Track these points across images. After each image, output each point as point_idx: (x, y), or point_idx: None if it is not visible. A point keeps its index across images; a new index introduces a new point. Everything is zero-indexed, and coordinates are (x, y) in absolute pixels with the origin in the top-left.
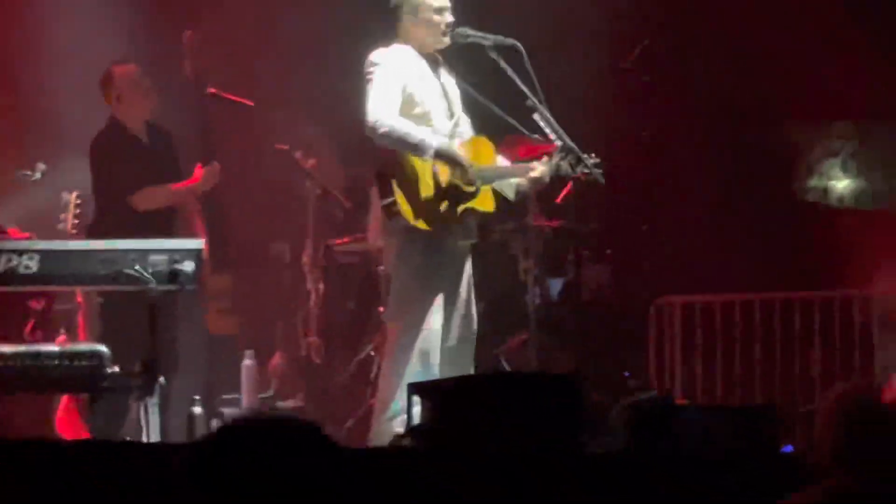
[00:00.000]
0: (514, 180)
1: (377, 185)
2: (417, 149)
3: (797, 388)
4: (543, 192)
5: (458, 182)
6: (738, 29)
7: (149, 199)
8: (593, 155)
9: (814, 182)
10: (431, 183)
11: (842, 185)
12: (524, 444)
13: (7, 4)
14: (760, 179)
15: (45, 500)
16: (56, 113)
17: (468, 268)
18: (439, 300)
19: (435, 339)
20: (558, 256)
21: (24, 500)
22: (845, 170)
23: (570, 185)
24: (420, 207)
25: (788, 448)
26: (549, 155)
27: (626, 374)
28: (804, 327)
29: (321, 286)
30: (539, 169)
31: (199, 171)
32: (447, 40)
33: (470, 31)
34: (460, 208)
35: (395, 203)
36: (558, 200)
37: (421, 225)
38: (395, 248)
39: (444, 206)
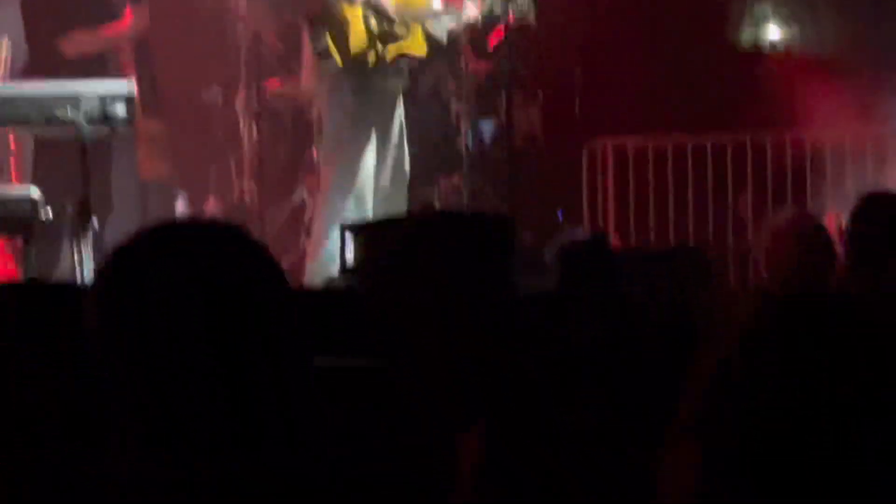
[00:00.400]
0: (447, 22)
1: (308, 29)
2: None
3: (730, 230)
4: (475, 35)
5: (388, 23)
6: None
7: (78, 43)
8: None
9: (746, 26)
10: (362, 26)
11: (773, 29)
12: (456, 284)
13: None
14: (693, 22)
15: None
16: None
17: (400, 110)
18: (372, 142)
19: (368, 181)
20: (490, 99)
21: None
22: (777, 14)
23: (502, 28)
24: (350, 50)
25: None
26: None
27: (559, 214)
28: (736, 170)
29: (255, 130)
30: (472, 10)
31: (128, 14)
32: None
33: None
34: (391, 50)
35: (326, 46)
36: (491, 44)
37: (351, 67)
38: (326, 92)
39: (375, 48)
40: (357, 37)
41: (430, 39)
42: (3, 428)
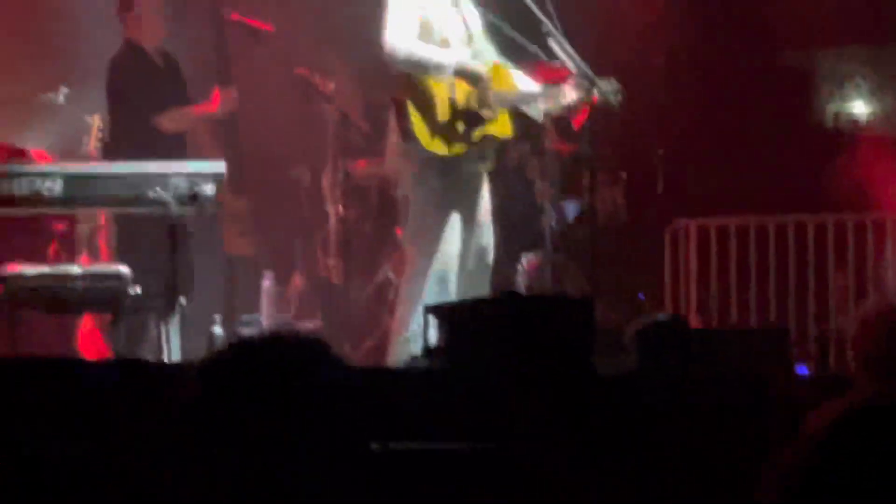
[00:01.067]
0: (542, 104)
1: (394, 108)
2: (436, 68)
3: (811, 310)
4: (560, 115)
5: (475, 106)
6: None
7: (174, 119)
8: (610, 80)
9: (828, 106)
10: (448, 106)
11: (856, 109)
12: (537, 365)
13: None
14: (775, 102)
15: (66, 418)
16: (79, 36)
17: (485, 191)
18: (456, 223)
19: (451, 262)
20: (574, 180)
21: (46, 418)
22: (859, 94)
23: (586, 109)
24: (436, 131)
25: (803, 369)
26: (567, 79)
27: (640, 295)
28: (818, 250)
29: (340, 209)
30: (569, 93)
31: (216, 96)
32: None
33: None
34: (477, 132)
35: (411, 126)
36: (576, 125)
37: (437, 148)
38: (411, 172)
39: (460, 129)
40: (442, 117)
41: (515, 120)
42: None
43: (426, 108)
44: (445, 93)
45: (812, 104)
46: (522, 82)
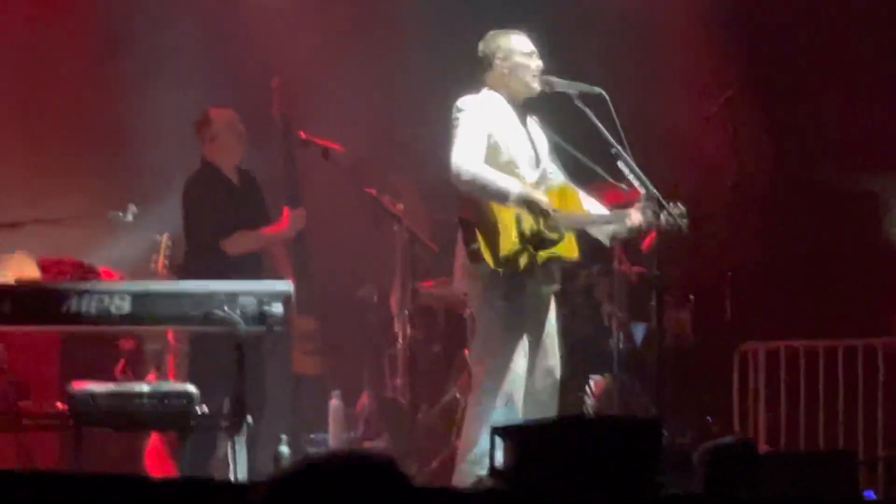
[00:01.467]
0: (609, 227)
1: (461, 230)
2: (499, 196)
3: (879, 434)
4: (628, 238)
5: (541, 228)
6: (822, 78)
7: (240, 243)
8: (678, 203)
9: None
10: (514, 229)
11: None
12: (604, 488)
13: (99, 52)
14: (844, 225)
15: None
16: (147, 155)
17: (552, 312)
18: (523, 343)
19: (519, 382)
20: (642, 301)
21: None
22: None
23: (655, 232)
24: (502, 253)
25: (870, 494)
26: (635, 203)
27: (709, 418)
28: (888, 373)
29: (408, 328)
30: (635, 217)
31: (286, 216)
32: (537, 86)
33: (556, 80)
34: (543, 255)
35: (478, 248)
36: (643, 247)
37: (504, 269)
38: (479, 292)
39: (526, 252)
40: (509, 240)
41: (581, 242)
42: None
43: (493, 228)
44: (512, 214)
45: (881, 227)
46: (589, 205)
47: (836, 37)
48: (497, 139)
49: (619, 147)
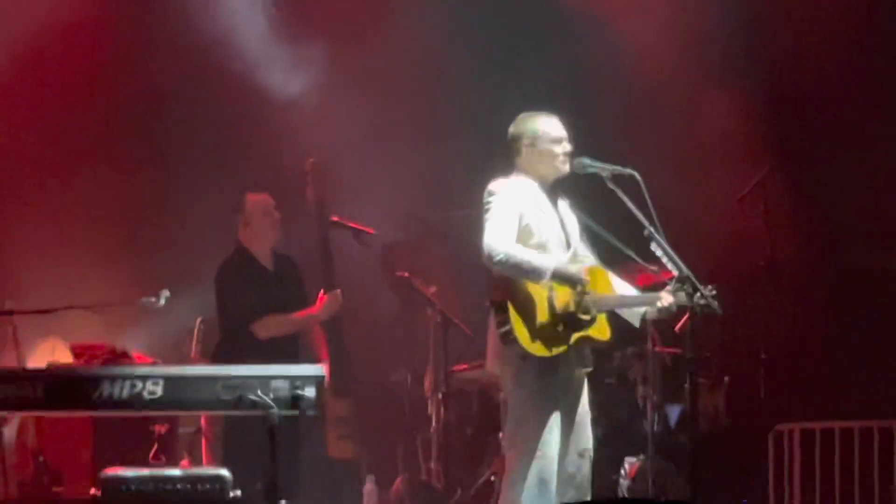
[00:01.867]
0: (640, 309)
1: (493, 312)
2: (534, 273)
3: None
4: (661, 319)
5: (574, 309)
6: (854, 157)
7: (270, 327)
8: (710, 287)
9: None
10: (547, 309)
11: None
12: None
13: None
14: (878, 305)
15: None
16: (181, 240)
17: (584, 395)
18: (556, 426)
19: (552, 465)
20: (676, 383)
21: None
22: None
23: (688, 313)
24: (535, 334)
25: None
26: (668, 284)
27: (744, 501)
28: None
29: (442, 412)
30: (666, 298)
31: (321, 299)
32: (566, 168)
33: (588, 162)
34: (575, 336)
35: (510, 330)
36: (677, 329)
37: (536, 351)
38: (510, 375)
39: (559, 332)
40: (541, 322)
41: (613, 324)
42: None
43: (526, 310)
44: (544, 295)
45: None
46: (620, 286)
47: (874, 115)
48: (528, 221)
49: (652, 228)
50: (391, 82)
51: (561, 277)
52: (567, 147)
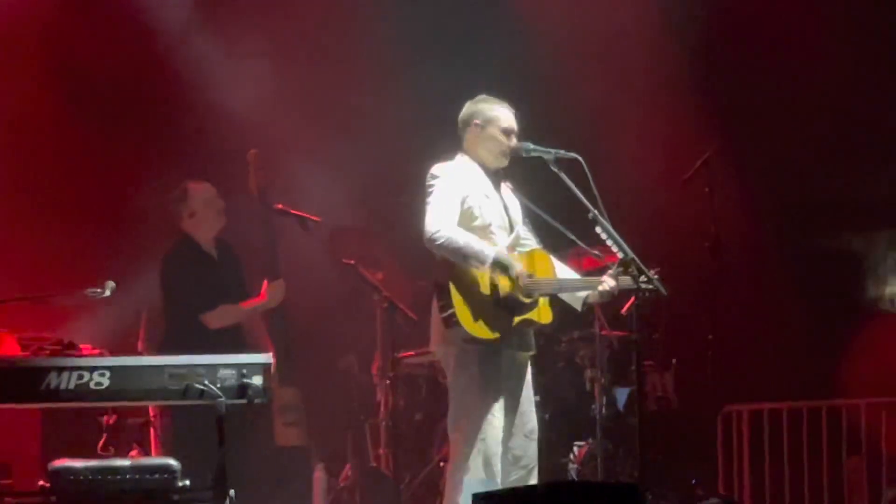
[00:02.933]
0: (582, 293)
1: (436, 295)
2: (474, 258)
3: (865, 494)
4: (607, 302)
5: (516, 293)
6: (800, 138)
7: (221, 317)
8: (656, 270)
9: (878, 289)
10: (489, 293)
11: None
12: None
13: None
14: (824, 286)
15: None
16: (124, 231)
17: (528, 377)
18: (500, 409)
19: (496, 448)
20: (624, 366)
21: None
22: None
23: (633, 296)
24: (477, 317)
25: None
26: (615, 268)
27: (693, 481)
28: (871, 432)
29: (390, 398)
30: (608, 282)
31: (265, 288)
32: (504, 162)
33: (532, 146)
34: (517, 319)
35: (453, 313)
36: (623, 312)
37: (478, 334)
38: (453, 358)
39: (501, 315)
40: (484, 304)
41: (555, 308)
42: None
43: (468, 293)
44: (487, 279)
45: (863, 287)
46: (562, 271)
47: (816, 96)
48: (471, 204)
49: (596, 211)
50: (337, 68)
51: (501, 266)
52: (513, 142)
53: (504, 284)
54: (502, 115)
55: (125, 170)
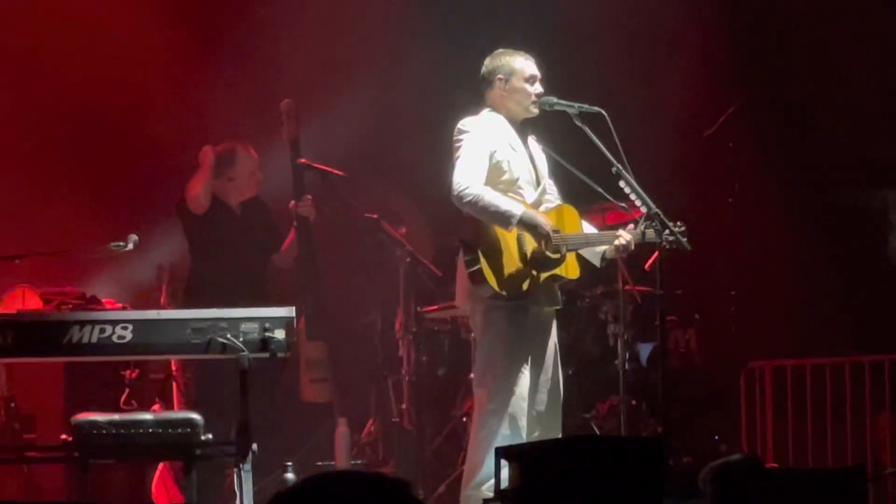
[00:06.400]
0: (601, 248)
1: (462, 252)
2: (501, 218)
3: (887, 450)
4: (631, 257)
5: (542, 249)
6: (823, 95)
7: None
8: (679, 223)
9: None
10: (516, 250)
11: None
12: None
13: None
14: (848, 241)
15: None
16: (148, 184)
17: (554, 332)
18: (526, 365)
19: (522, 404)
20: (647, 322)
21: None
22: None
23: (657, 251)
24: (504, 274)
25: None
26: (636, 222)
27: (716, 437)
28: (893, 389)
29: (413, 353)
30: (624, 236)
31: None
32: (535, 110)
33: (556, 100)
34: (544, 275)
35: (480, 270)
36: (647, 267)
37: (505, 290)
38: (480, 315)
39: (528, 272)
40: (511, 261)
41: (583, 262)
42: None
43: (496, 250)
44: (514, 234)
45: (886, 244)
46: (587, 226)
47: (836, 53)
48: (498, 159)
49: (620, 166)
50: (360, 18)
51: (527, 226)
52: (539, 88)
53: (531, 241)
54: (524, 64)
55: (152, 122)
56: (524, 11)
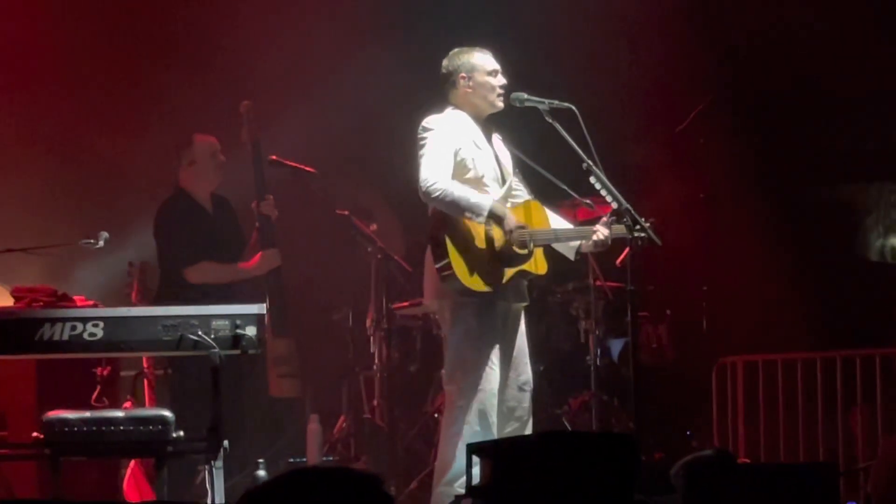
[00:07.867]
0: (575, 242)
1: (430, 248)
2: (470, 211)
3: (859, 445)
4: (602, 253)
5: (511, 244)
6: (795, 91)
7: (204, 273)
8: (650, 221)
9: (873, 240)
10: (485, 245)
11: None
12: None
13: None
14: (819, 236)
15: None
16: (120, 182)
17: (523, 328)
18: (495, 361)
19: (492, 400)
20: (618, 317)
21: None
22: None
23: (628, 247)
24: (473, 269)
25: None
26: (608, 217)
27: (688, 432)
28: (866, 384)
29: (384, 349)
30: (602, 231)
31: (258, 257)
32: (501, 103)
33: (526, 96)
34: (512, 271)
35: (448, 265)
36: (618, 263)
37: (474, 286)
38: (448, 311)
39: (496, 268)
40: (479, 256)
41: (550, 259)
42: None
43: (463, 245)
44: (482, 231)
45: (857, 239)
46: (556, 221)
47: (809, 49)
48: (463, 156)
49: (590, 162)
50: (328, 16)
51: (496, 218)
52: (502, 80)
53: (499, 236)
54: (483, 59)
55: (121, 120)
56: (491, 9)
